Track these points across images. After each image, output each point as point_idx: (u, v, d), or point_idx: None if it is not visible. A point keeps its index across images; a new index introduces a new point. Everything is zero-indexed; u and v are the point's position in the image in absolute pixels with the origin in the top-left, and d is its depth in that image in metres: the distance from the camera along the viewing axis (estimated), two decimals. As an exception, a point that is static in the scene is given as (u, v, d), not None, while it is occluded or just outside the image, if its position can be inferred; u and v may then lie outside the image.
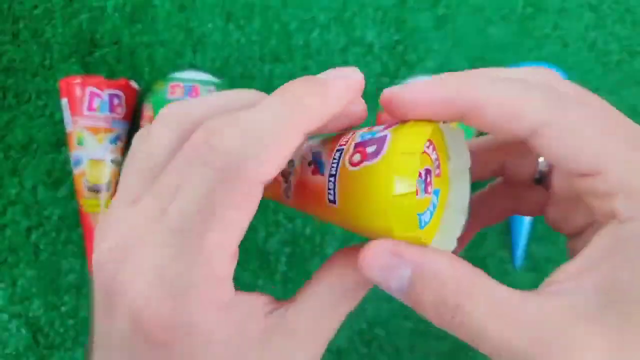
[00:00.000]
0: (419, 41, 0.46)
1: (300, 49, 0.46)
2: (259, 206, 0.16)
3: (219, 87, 0.41)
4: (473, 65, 0.46)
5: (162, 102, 0.39)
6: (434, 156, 0.18)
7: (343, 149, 0.17)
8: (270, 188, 0.19)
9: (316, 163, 0.18)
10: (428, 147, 0.17)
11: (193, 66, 0.46)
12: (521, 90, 0.15)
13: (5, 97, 0.46)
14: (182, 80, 0.40)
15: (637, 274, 0.13)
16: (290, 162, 0.19)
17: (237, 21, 0.46)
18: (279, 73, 0.46)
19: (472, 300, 0.14)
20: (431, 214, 0.18)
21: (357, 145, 0.16)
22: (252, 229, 0.45)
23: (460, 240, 0.18)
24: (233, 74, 0.46)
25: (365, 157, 0.16)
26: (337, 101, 0.16)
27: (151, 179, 0.16)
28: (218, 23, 0.46)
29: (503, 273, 0.44)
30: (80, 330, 0.43)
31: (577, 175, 0.15)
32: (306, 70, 0.46)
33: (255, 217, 0.16)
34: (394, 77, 0.46)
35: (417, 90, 0.16)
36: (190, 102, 0.17)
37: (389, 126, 0.17)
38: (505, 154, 0.21)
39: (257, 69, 0.46)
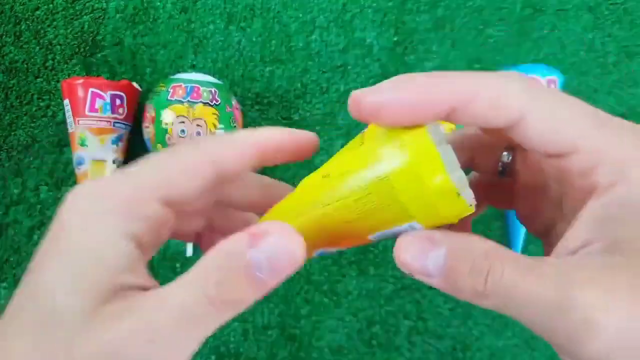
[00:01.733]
0: (418, 42, 0.47)
1: (300, 50, 0.47)
2: None
3: (220, 88, 0.41)
4: (472, 66, 0.46)
5: (163, 103, 0.40)
6: None
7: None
8: None
9: None
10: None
11: (194, 67, 0.46)
12: (503, 82, 0.17)
13: (7, 98, 0.46)
14: (184, 81, 0.40)
15: (633, 233, 0.15)
16: None
17: (238, 23, 0.47)
18: (280, 74, 0.46)
19: (502, 263, 0.16)
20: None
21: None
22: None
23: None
24: (234, 75, 0.46)
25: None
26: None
27: None
28: (219, 24, 0.47)
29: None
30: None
31: (556, 156, 0.17)
32: (306, 72, 0.46)
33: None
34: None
35: (403, 93, 0.17)
36: None
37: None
38: (472, 147, 0.22)
39: (257, 70, 0.46)
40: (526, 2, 0.47)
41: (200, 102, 0.40)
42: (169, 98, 0.40)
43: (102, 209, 0.18)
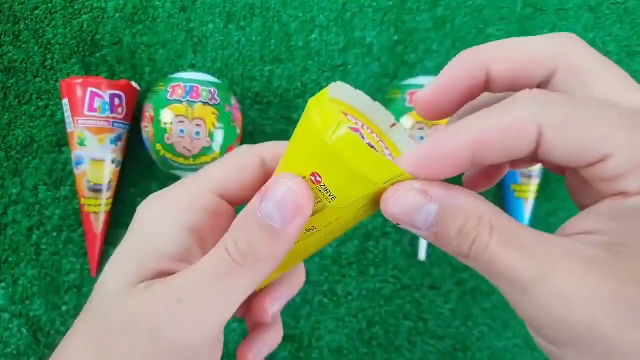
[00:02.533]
0: (418, 42, 0.46)
1: (300, 50, 0.46)
2: None
3: (220, 88, 0.41)
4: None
5: (162, 103, 0.40)
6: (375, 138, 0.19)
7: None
8: None
9: None
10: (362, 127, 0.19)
11: (193, 67, 0.46)
12: (513, 107, 0.16)
13: (6, 98, 0.46)
14: (183, 80, 0.40)
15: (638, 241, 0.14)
16: None
17: (238, 22, 0.47)
18: (279, 73, 0.46)
19: (491, 232, 0.15)
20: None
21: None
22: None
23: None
24: (233, 75, 0.46)
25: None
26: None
27: None
28: (218, 24, 0.46)
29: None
30: (81, 329, 0.44)
31: (585, 167, 0.15)
32: (306, 71, 0.46)
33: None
34: (394, 78, 0.46)
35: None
36: None
37: None
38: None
39: (257, 69, 0.46)
40: (527, 2, 0.47)
41: (200, 101, 0.39)
42: (168, 97, 0.40)
43: (168, 205, 0.20)
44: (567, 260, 0.15)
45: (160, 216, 0.19)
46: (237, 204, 0.21)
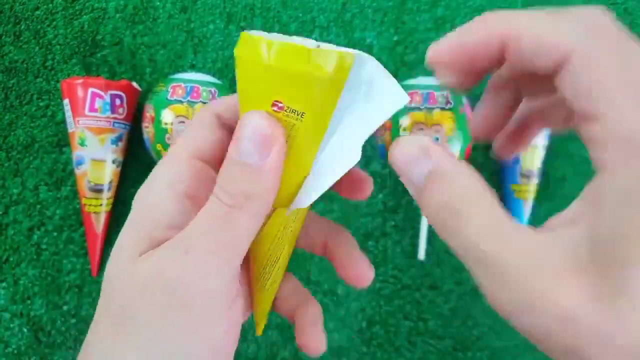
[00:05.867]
0: (418, 42, 0.46)
1: (300, 50, 0.46)
2: None
3: (220, 88, 0.41)
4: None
5: (163, 103, 0.40)
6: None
7: None
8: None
9: None
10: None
11: (194, 67, 0.46)
12: (555, 20, 0.16)
13: (7, 98, 0.46)
14: (183, 81, 0.40)
15: (613, 231, 0.14)
16: None
17: (238, 22, 0.47)
18: (279, 74, 0.46)
19: (477, 212, 0.15)
20: None
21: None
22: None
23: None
24: (234, 75, 0.46)
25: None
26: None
27: None
28: (219, 24, 0.47)
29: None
30: (82, 329, 0.44)
31: (581, 119, 0.15)
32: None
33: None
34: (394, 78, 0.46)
35: (462, 33, 0.18)
36: None
37: None
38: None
39: (257, 69, 0.46)
40: (527, 2, 0.47)
41: (200, 102, 0.39)
42: (168, 98, 0.40)
43: (158, 180, 0.20)
44: (544, 256, 0.14)
45: (154, 192, 0.20)
46: (214, 162, 0.21)
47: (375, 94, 0.19)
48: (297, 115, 0.18)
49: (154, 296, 0.17)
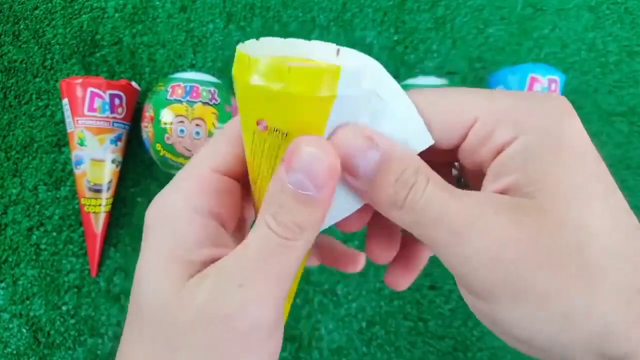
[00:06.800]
0: (418, 41, 0.46)
1: (300, 50, 0.46)
2: None
3: (220, 88, 0.41)
4: (472, 66, 0.46)
5: (162, 103, 0.40)
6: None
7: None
8: None
9: None
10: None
11: (193, 67, 0.46)
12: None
13: (6, 98, 0.46)
14: (183, 80, 0.40)
15: (531, 179, 0.16)
16: None
17: (238, 22, 0.47)
18: (279, 73, 0.46)
19: (428, 179, 0.17)
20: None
21: None
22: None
23: None
24: (233, 75, 0.46)
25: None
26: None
27: None
28: (218, 24, 0.46)
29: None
30: (81, 329, 0.44)
31: (463, 132, 0.18)
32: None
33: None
34: (394, 78, 0.46)
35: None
36: None
37: None
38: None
39: (257, 69, 0.46)
40: (527, 1, 0.47)
41: (200, 101, 0.39)
42: (168, 97, 0.40)
43: (177, 197, 0.19)
44: (491, 202, 0.16)
45: (174, 210, 0.19)
46: (238, 177, 0.20)
47: (388, 106, 0.18)
48: (282, 135, 0.17)
49: (208, 330, 0.17)
